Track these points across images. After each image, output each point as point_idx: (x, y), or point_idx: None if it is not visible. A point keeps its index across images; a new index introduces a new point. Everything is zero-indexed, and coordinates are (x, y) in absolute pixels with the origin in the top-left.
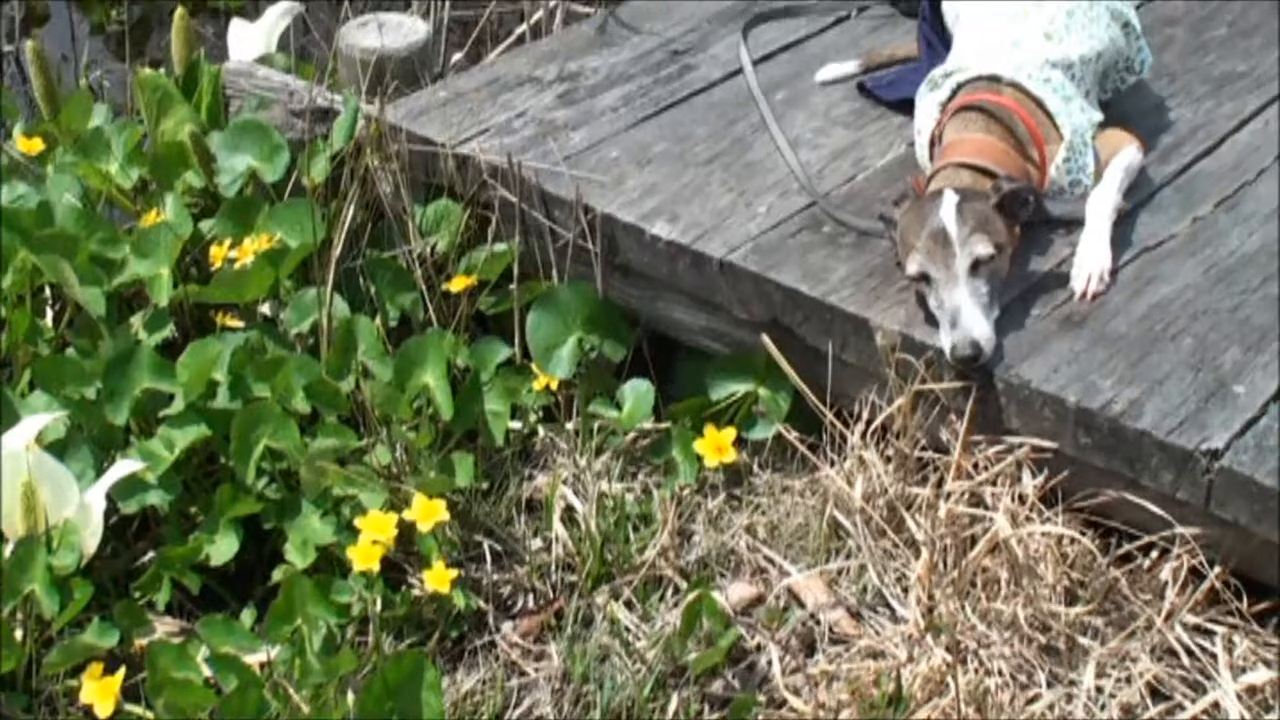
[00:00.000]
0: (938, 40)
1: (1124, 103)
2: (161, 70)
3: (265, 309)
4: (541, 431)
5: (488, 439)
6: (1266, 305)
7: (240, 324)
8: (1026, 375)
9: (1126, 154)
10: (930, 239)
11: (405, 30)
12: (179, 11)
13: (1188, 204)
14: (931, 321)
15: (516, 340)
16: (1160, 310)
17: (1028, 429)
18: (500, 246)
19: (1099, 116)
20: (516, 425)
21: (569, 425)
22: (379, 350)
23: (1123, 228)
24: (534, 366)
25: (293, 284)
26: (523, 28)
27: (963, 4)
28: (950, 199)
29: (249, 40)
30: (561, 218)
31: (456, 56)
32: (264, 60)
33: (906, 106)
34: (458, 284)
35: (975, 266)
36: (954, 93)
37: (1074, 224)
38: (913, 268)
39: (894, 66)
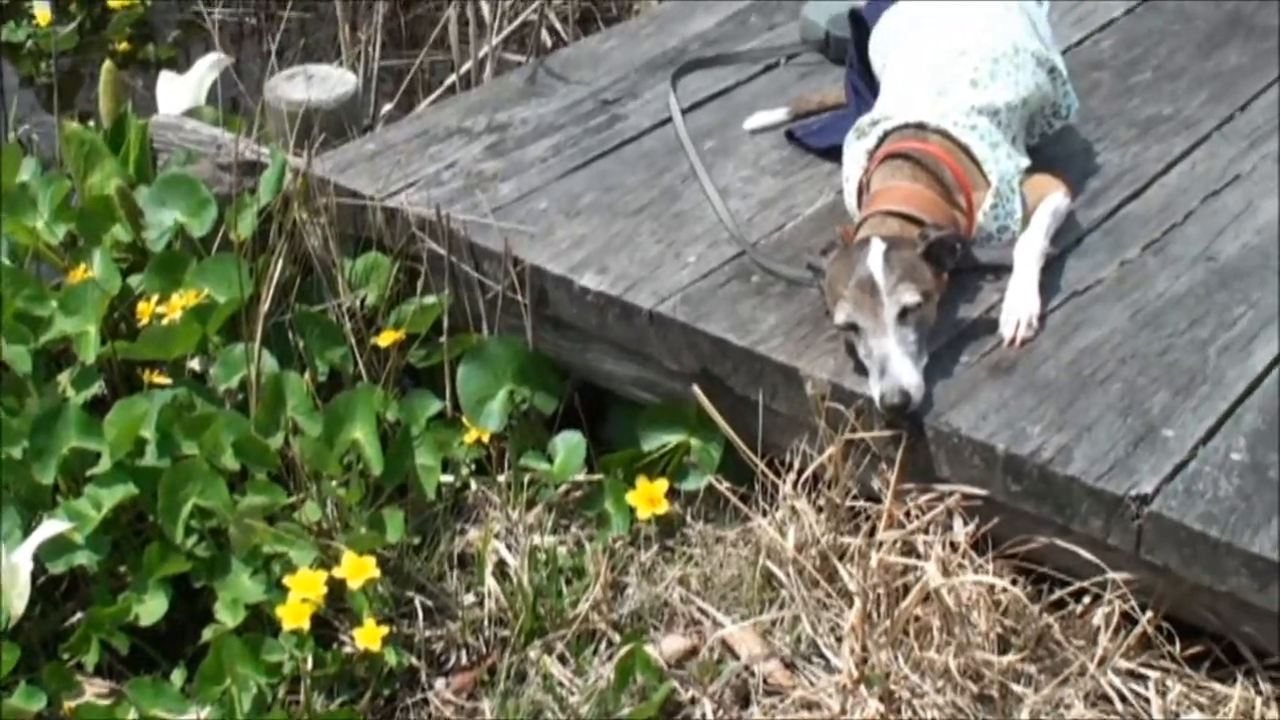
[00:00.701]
0: (865, 87)
1: (1051, 147)
2: (90, 123)
3: (194, 365)
4: (473, 485)
5: (419, 493)
6: (1194, 348)
7: (168, 381)
8: (956, 423)
9: (1054, 199)
10: (858, 288)
11: (333, 82)
12: (107, 64)
13: (1115, 248)
14: (861, 370)
15: (447, 393)
16: (1089, 355)
17: (958, 476)
18: (430, 299)
19: (1026, 162)
20: (448, 479)
21: (501, 478)
22: (308, 406)
23: (1051, 273)
24: (465, 419)
25: (221, 340)
26: (453, 78)
27: (889, 51)
28: (877, 247)
29: (178, 93)
30: (491, 270)
31: (387, 107)
32: (193, 113)
33: (835, 153)
34: (387, 339)
35: (903, 315)
36: (881, 140)
37: (1002, 270)
38: (841, 317)
39: (823, 113)
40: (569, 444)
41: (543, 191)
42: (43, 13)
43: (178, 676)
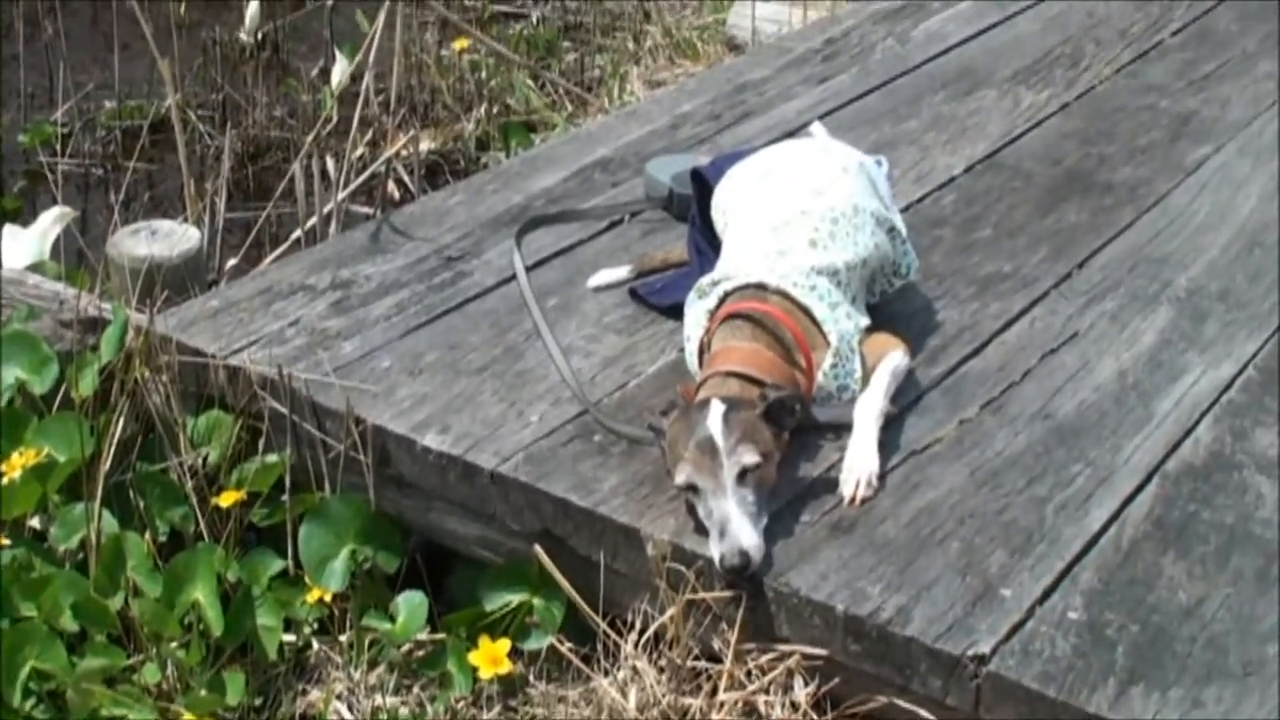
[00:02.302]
0: (708, 245)
1: (891, 305)
2: None
3: (34, 524)
4: (315, 645)
5: (260, 654)
6: (1031, 507)
7: (7, 541)
8: (796, 583)
9: (893, 358)
10: (697, 449)
11: (177, 238)
12: None
13: (954, 406)
14: (701, 531)
15: (289, 552)
16: (928, 514)
17: (799, 636)
18: (272, 458)
19: (865, 321)
20: (290, 638)
21: (343, 638)
22: (148, 566)
23: (890, 431)
24: (307, 579)
25: (61, 499)
26: (298, 233)
27: (731, 210)
28: (717, 409)
29: (22, 246)
30: (333, 429)
31: (232, 261)
32: (36, 268)
33: (678, 312)
34: (228, 498)
35: (742, 475)
36: (721, 300)
37: (842, 429)
38: (681, 478)
39: (666, 271)
40: (411, 604)
41: (385, 349)
42: None
43: None
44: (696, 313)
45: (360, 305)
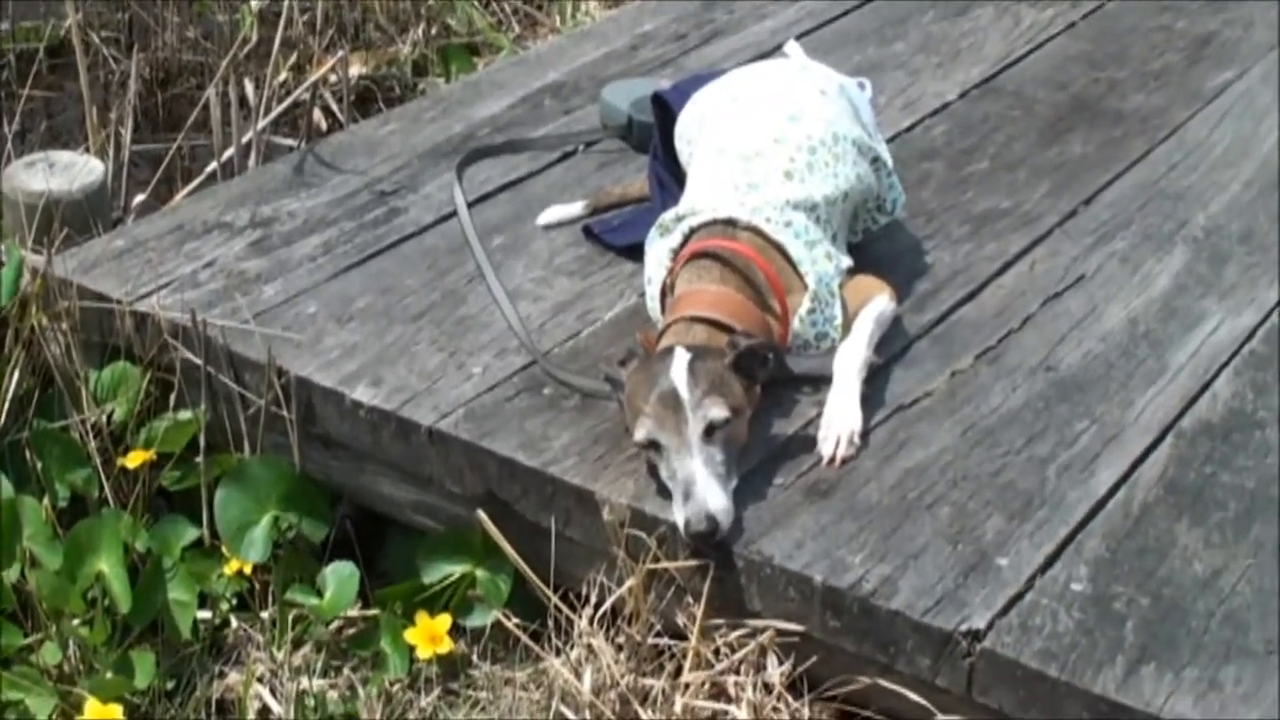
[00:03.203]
0: (671, 179)
1: (875, 246)
2: None
3: None
4: (234, 622)
5: (172, 632)
6: (1031, 468)
7: None
8: (768, 551)
9: (877, 303)
10: (659, 402)
11: (78, 170)
12: None
13: (946, 357)
14: (664, 493)
15: (205, 520)
16: (915, 476)
17: (771, 611)
18: (184, 415)
19: (847, 262)
20: (205, 615)
21: (265, 614)
22: (47, 535)
23: (874, 385)
24: (224, 549)
25: None
26: (213, 165)
27: (697, 139)
28: (681, 358)
29: None
30: (252, 382)
31: (140, 197)
32: None
33: (637, 252)
34: (136, 459)
35: (709, 432)
36: (686, 238)
37: (820, 382)
38: (641, 434)
39: (624, 208)
40: (340, 576)
41: (311, 294)
42: None
43: None
44: (658, 252)
45: (283, 245)
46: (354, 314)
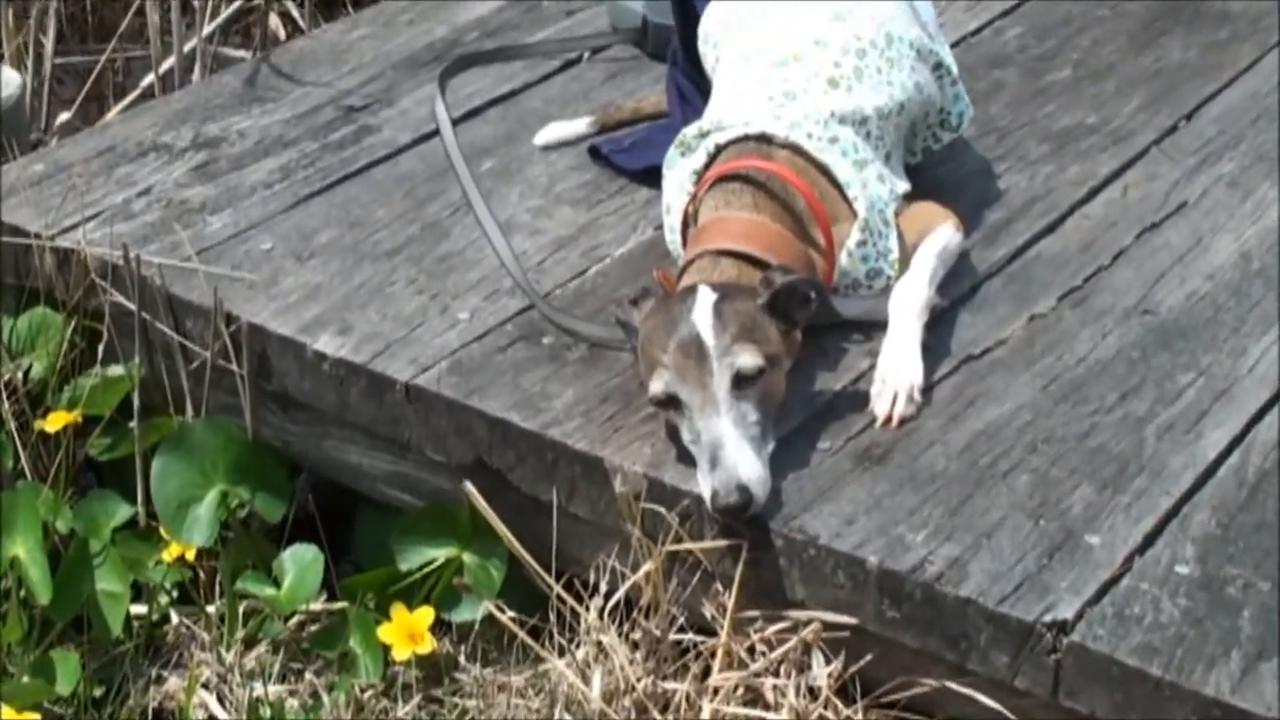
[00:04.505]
0: (694, 90)
1: (938, 168)
2: None
3: None
4: (174, 617)
5: (101, 629)
6: (1126, 429)
7: None
8: (813, 529)
9: (940, 234)
10: (680, 351)
11: None
12: None
13: (1022, 298)
14: (687, 459)
15: (139, 495)
16: (987, 439)
17: (817, 600)
18: (115, 370)
19: (904, 186)
20: (140, 610)
21: (211, 608)
22: None
23: (937, 331)
24: (163, 530)
25: None
26: (150, 78)
27: (724, 42)
28: (705, 297)
29: None
30: (196, 330)
31: (64, 116)
32: None
33: (654, 176)
34: (57, 421)
35: (739, 385)
36: (712, 157)
37: (873, 328)
38: (658, 388)
39: (638, 125)
40: (301, 562)
41: (266, 227)
42: None
43: None
44: (679, 174)
45: (232, 169)
46: (316, 250)
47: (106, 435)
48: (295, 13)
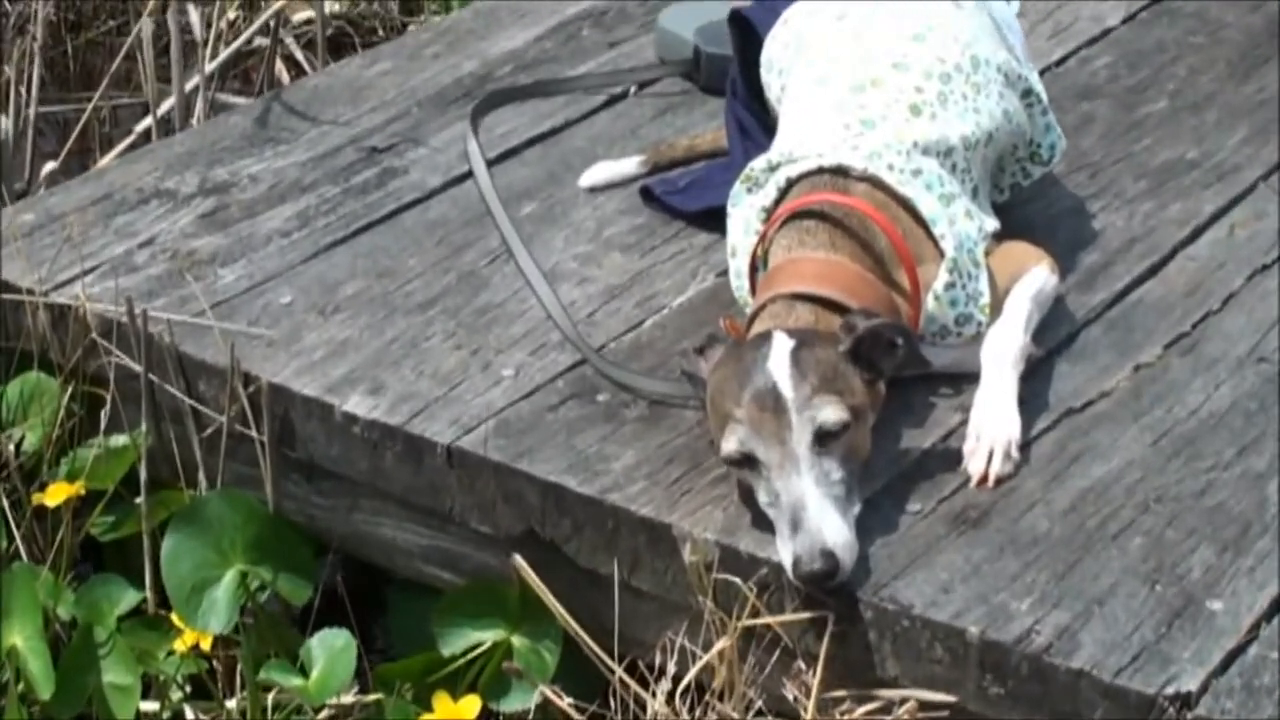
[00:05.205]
0: (756, 124)
1: (1027, 206)
2: None
3: None
4: (189, 713)
5: None
6: (1245, 486)
7: None
8: (906, 598)
9: (1034, 277)
10: (755, 404)
11: None
12: None
13: (1125, 346)
14: (763, 524)
15: (147, 578)
16: (1095, 498)
17: (912, 676)
18: (119, 440)
19: (993, 224)
20: (151, 706)
21: (230, 703)
22: None
23: (1034, 382)
24: (175, 617)
25: None
26: (147, 122)
27: (791, 68)
28: (782, 344)
29: None
30: (210, 393)
31: (50, 166)
32: None
33: (714, 219)
34: (56, 495)
35: (822, 440)
36: (783, 193)
37: (962, 380)
38: (732, 445)
39: (694, 164)
40: (332, 649)
41: (284, 279)
42: None
43: None
44: (746, 212)
45: (245, 217)
46: (341, 303)
47: (110, 512)
48: (300, 56)
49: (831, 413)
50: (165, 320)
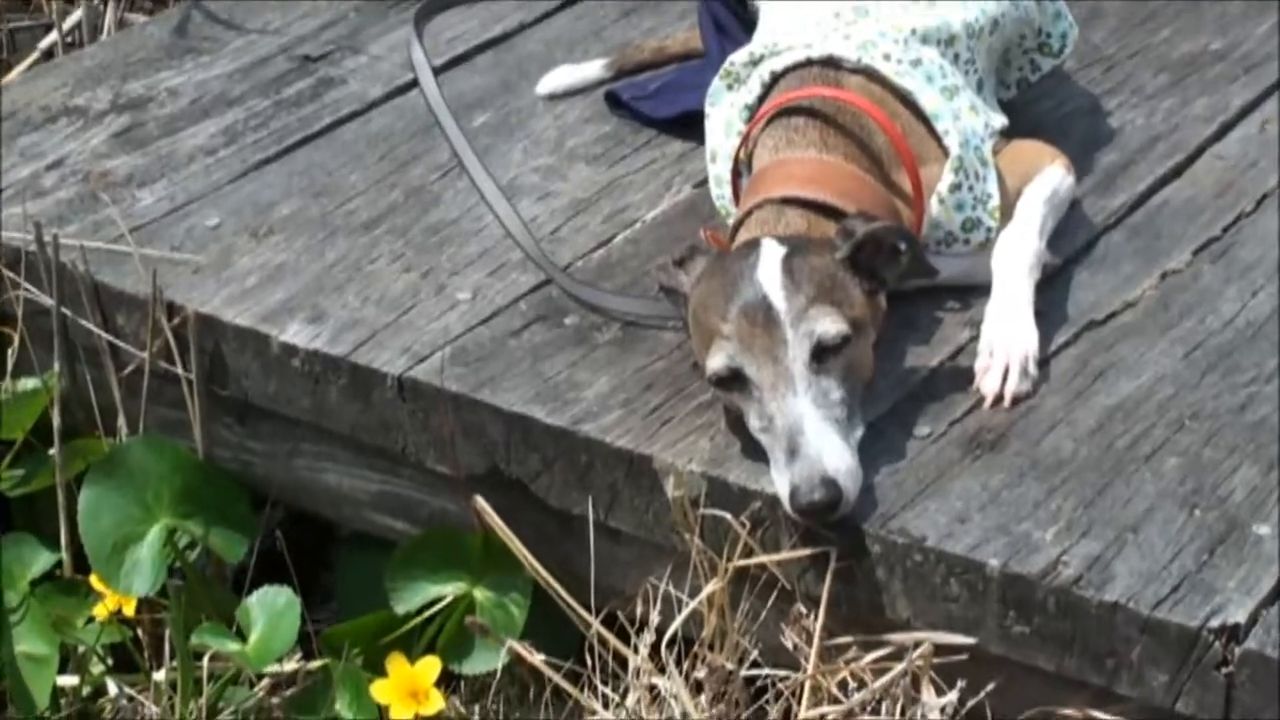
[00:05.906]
0: (734, 21)
1: (1038, 103)
2: None
3: None
4: (113, 687)
5: (22, 704)
6: None
7: None
8: (917, 530)
9: (1048, 177)
10: (744, 317)
11: None
12: None
13: (1150, 253)
14: (755, 452)
15: (63, 537)
16: (1123, 416)
17: (926, 617)
18: (29, 383)
19: (1001, 120)
20: (70, 680)
21: (158, 675)
22: None
23: (1051, 293)
24: (94, 579)
25: None
26: (52, 37)
27: None
28: (772, 252)
29: None
30: (130, 327)
31: None
32: None
33: (687, 125)
34: None
35: (820, 356)
36: (767, 88)
37: (971, 292)
38: (719, 364)
39: (664, 67)
40: (273, 609)
41: (211, 200)
42: None
43: None
44: (727, 112)
45: (164, 134)
46: (275, 224)
47: (19, 464)
48: None
49: (829, 325)
50: (78, 247)
